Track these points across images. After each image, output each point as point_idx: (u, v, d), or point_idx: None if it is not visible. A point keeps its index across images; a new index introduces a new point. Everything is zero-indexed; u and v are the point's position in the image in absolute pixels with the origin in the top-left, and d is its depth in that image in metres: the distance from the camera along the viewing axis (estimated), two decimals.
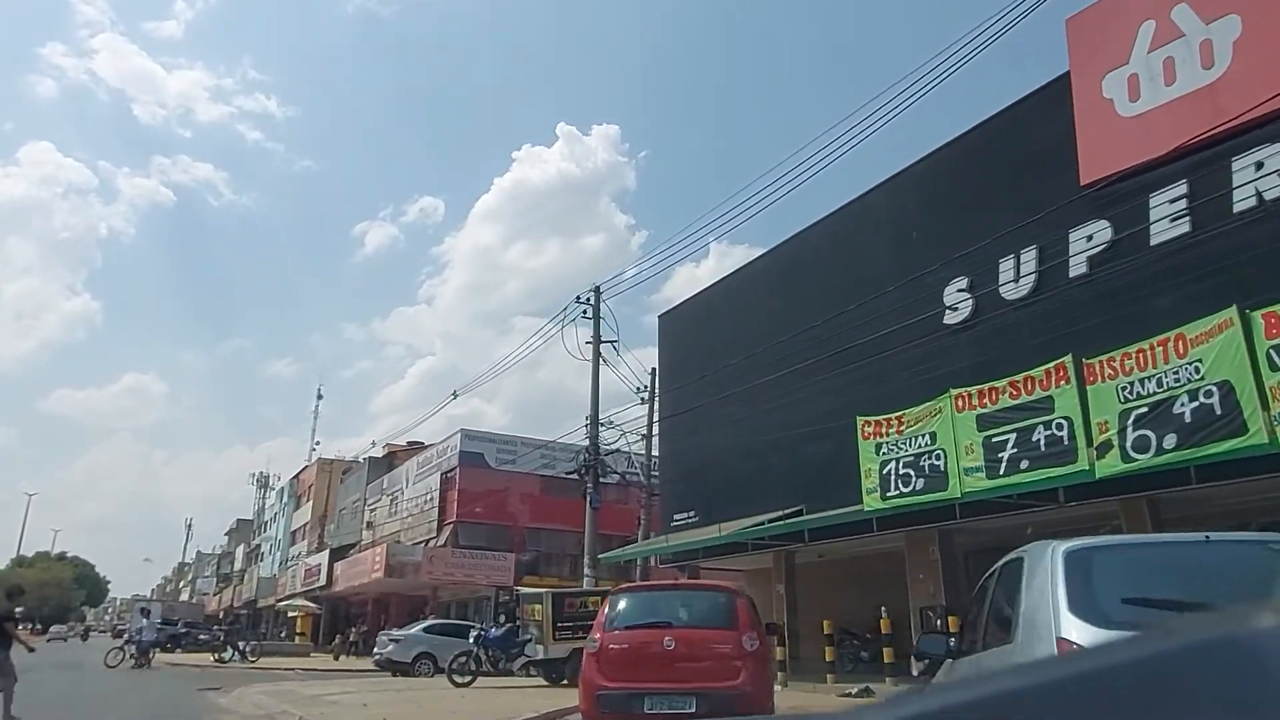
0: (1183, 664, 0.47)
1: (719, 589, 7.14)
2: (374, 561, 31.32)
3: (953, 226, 14.63)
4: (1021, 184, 13.63)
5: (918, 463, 11.78)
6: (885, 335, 15.06)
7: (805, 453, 16.97)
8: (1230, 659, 0.46)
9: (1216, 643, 0.47)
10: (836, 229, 17.40)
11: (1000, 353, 13.01)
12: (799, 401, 16.93)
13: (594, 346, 20.78)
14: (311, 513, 55.48)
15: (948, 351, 14.15)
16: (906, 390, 14.18)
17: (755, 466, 18.30)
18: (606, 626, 6.74)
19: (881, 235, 16.28)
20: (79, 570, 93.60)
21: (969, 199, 14.59)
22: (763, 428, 17.87)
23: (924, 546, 14.39)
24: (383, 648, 19.61)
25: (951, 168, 15.16)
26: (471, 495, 32.54)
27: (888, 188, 16.37)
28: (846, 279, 16.62)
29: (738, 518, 17.45)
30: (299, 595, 40.57)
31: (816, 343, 16.47)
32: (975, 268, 13.89)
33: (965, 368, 13.57)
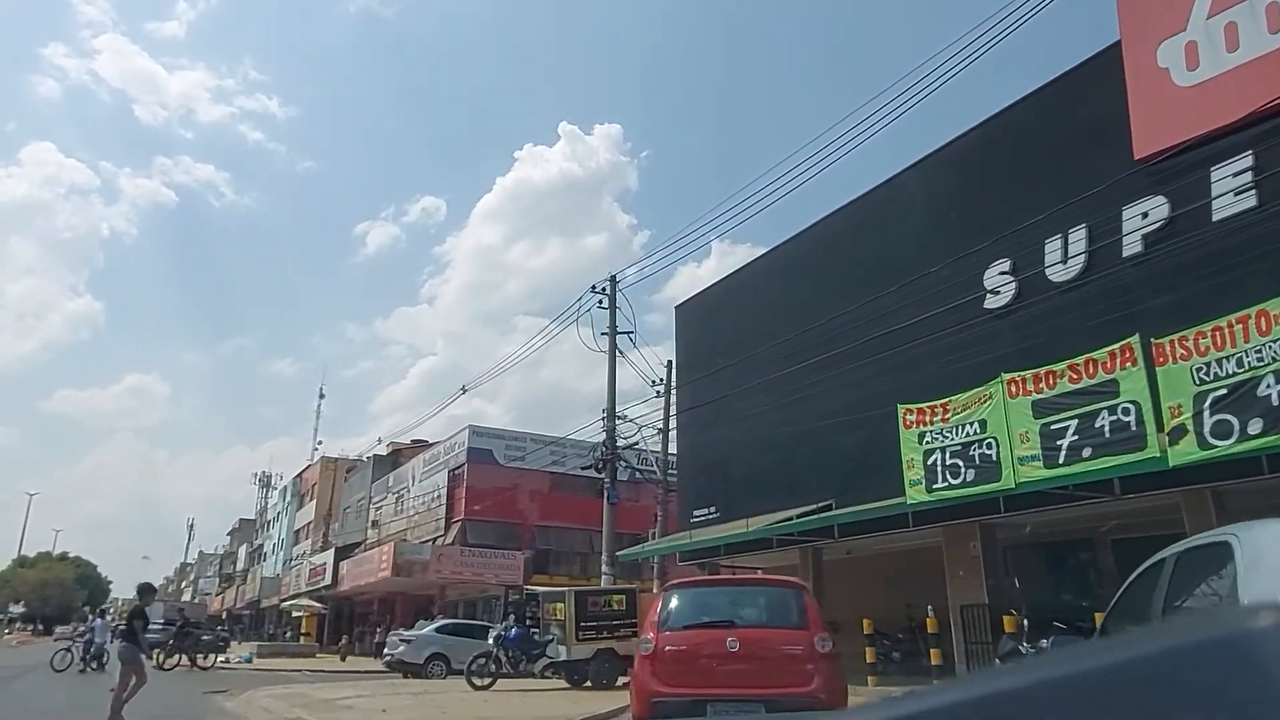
0: (1180, 663, 0.47)
1: (784, 584, 6.48)
2: (381, 560, 30.68)
3: (993, 207, 13.98)
4: (1069, 161, 12.98)
5: (966, 452, 11.12)
6: (920, 321, 14.41)
7: (834, 445, 16.33)
8: (1227, 658, 0.46)
9: (1213, 642, 0.47)
10: (866, 212, 16.74)
11: (1047, 337, 12.37)
12: (827, 392, 16.29)
13: (610, 337, 20.14)
14: (315, 512, 54.85)
15: (989, 337, 13.49)
16: (944, 378, 13.53)
17: (780, 460, 17.66)
18: (661, 626, 6.06)
19: (915, 217, 15.62)
20: (81, 570, 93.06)
21: (1011, 177, 13.94)
22: (787, 420, 17.23)
23: (965, 541, 13.73)
24: (393, 648, 18.95)
25: (991, 145, 14.50)
26: (480, 493, 31.87)
27: (921, 168, 15.71)
28: (877, 264, 15.97)
29: (762, 513, 16.81)
30: (303, 595, 39.94)
31: (845, 330, 15.83)
32: (1019, 249, 13.24)
33: (1009, 354, 12.92)
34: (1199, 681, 0.46)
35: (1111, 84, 12.38)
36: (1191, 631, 0.49)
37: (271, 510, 73.55)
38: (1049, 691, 0.51)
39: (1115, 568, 13.82)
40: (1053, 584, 13.80)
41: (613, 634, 13.84)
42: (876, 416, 15.24)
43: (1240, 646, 0.46)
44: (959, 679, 0.63)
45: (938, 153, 15.47)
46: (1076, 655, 0.51)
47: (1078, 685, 0.50)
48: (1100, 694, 0.49)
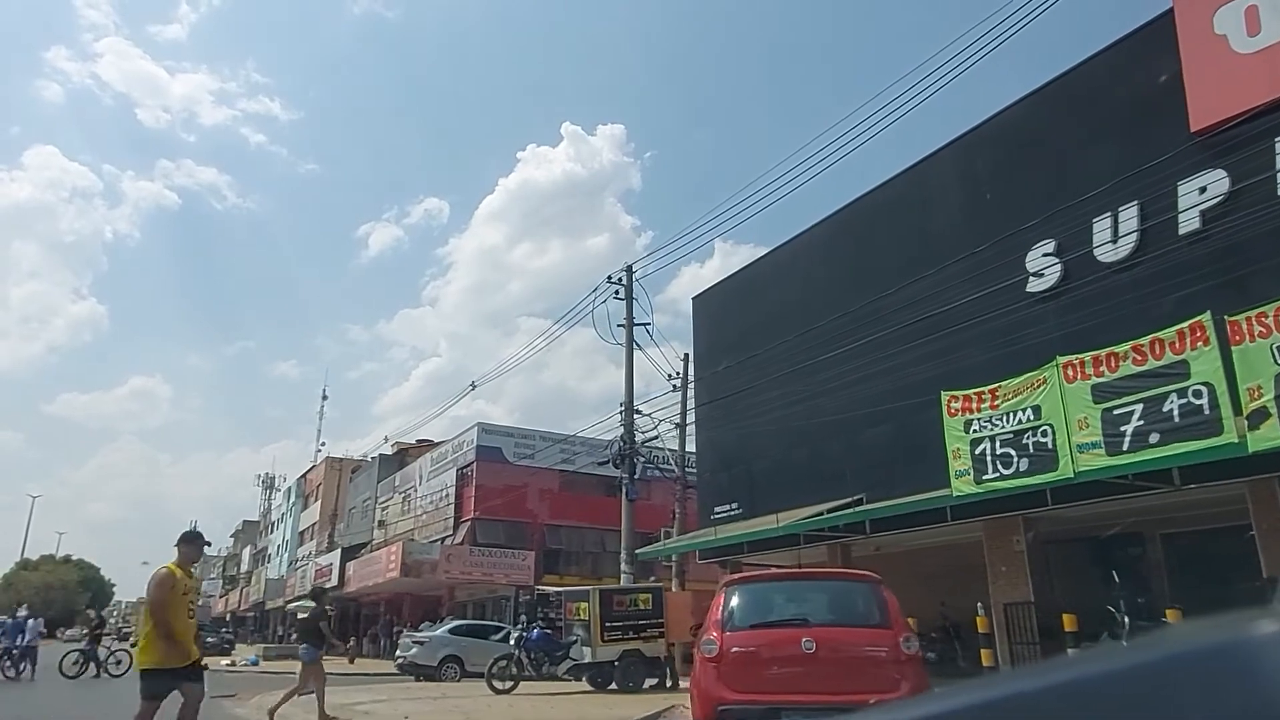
0: (1180, 671, 0.48)
1: (858, 577, 5.84)
2: (389, 560, 30.06)
3: (1035, 186, 13.37)
4: (1117, 136, 12.36)
5: (1019, 440, 10.49)
6: (959, 307, 13.81)
7: (865, 437, 15.72)
8: (1226, 666, 0.46)
9: (1213, 649, 0.48)
10: (898, 195, 16.12)
11: (1097, 320, 11.74)
12: (856, 382, 15.67)
13: (627, 328, 19.53)
14: (320, 512, 54.26)
15: (1032, 321, 12.88)
16: (984, 365, 12.93)
17: (806, 453, 17.04)
18: (726, 625, 5.43)
19: (951, 199, 15.00)
20: (84, 573, 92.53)
21: (1054, 155, 13.32)
22: (814, 412, 16.60)
23: (1007, 536, 13.11)
24: (406, 650, 18.34)
25: (1031, 123, 13.88)
26: (489, 491, 31.26)
27: (958, 147, 15.09)
28: (911, 248, 15.36)
29: (787, 509, 16.19)
30: (309, 596, 39.37)
31: (876, 318, 15.23)
32: (1064, 229, 12.62)
33: (1054, 339, 12.30)
34: (1202, 688, 0.46)
35: (1163, 54, 11.78)
36: (1194, 638, 0.49)
37: (275, 512, 73.00)
38: (1054, 697, 0.51)
39: (1166, 563, 13.21)
40: (1100, 581, 13.15)
41: (639, 635, 13.23)
42: (910, 406, 14.64)
43: (1243, 653, 0.46)
44: (963, 684, 0.59)
45: (973, 131, 14.85)
46: (1080, 661, 0.51)
47: (1082, 691, 0.50)
48: (1104, 700, 0.49)
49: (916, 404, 14.60)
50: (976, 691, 0.56)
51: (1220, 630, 0.49)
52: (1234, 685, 0.45)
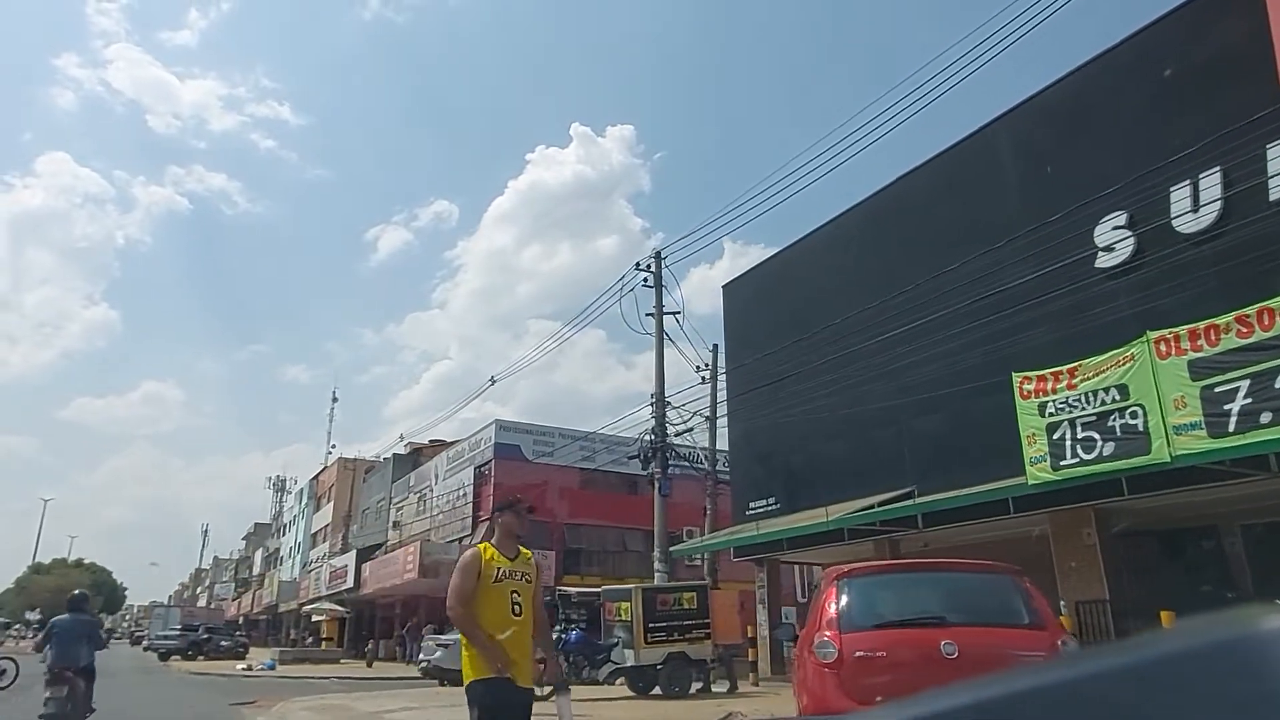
0: (1188, 666, 0.48)
1: (999, 569, 5.04)
2: (406, 561, 29.36)
3: (1102, 156, 12.55)
4: (1194, 98, 11.53)
5: (1104, 423, 9.68)
6: (1018, 286, 13.01)
7: (915, 426, 14.92)
8: (1235, 661, 0.46)
9: (1221, 645, 0.48)
10: (946, 172, 15.31)
11: (1176, 295, 10.93)
12: (904, 369, 14.88)
13: (657, 316, 18.77)
14: (333, 514, 53.64)
15: (1102, 298, 12.05)
16: (1047, 346, 12.13)
17: (849, 445, 16.24)
18: (845, 624, 4.64)
19: (1007, 173, 14.18)
20: (95, 577, 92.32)
21: (1122, 122, 12.49)
22: (858, 400, 15.80)
23: (1076, 529, 12.28)
24: (429, 654, 17.59)
25: (1095, 90, 13.05)
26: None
27: (1012, 119, 14.27)
28: (964, 226, 14.54)
29: (830, 503, 15.39)
30: (324, 598, 38.72)
31: (925, 301, 14.42)
32: (1136, 200, 11.79)
33: (1127, 316, 11.50)
34: (1206, 684, 0.46)
35: (1244, 9, 10.95)
36: (1198, 635, 0.49)
37: (288, 514, 72.48)
38: (1057, 695, 0.51)
39: (1247, 556, 12.35)
40: (1178, 576, 12.33)
41: (684, 636, 12.46)
42: (965, 393, 13.85)
43: (1249, 649, 0.46)
44: (970, 681, 0.59)
45: (1029, 102, 14.03)
46: (1084, 659, 0.51)
47: (1082, 688, 0.50)
48: (1107, 697, 0.49)
49: (971, 390, 13.81)
50: (982, 689, 0.55)
51: (1226, 626, 0.48)
52: (1239, 681, 0.45)
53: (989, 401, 13.69)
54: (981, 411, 13.76)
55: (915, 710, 0.58)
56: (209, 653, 34.96)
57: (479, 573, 4.05)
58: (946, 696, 0.58)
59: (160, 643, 36.86)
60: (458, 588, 4.03)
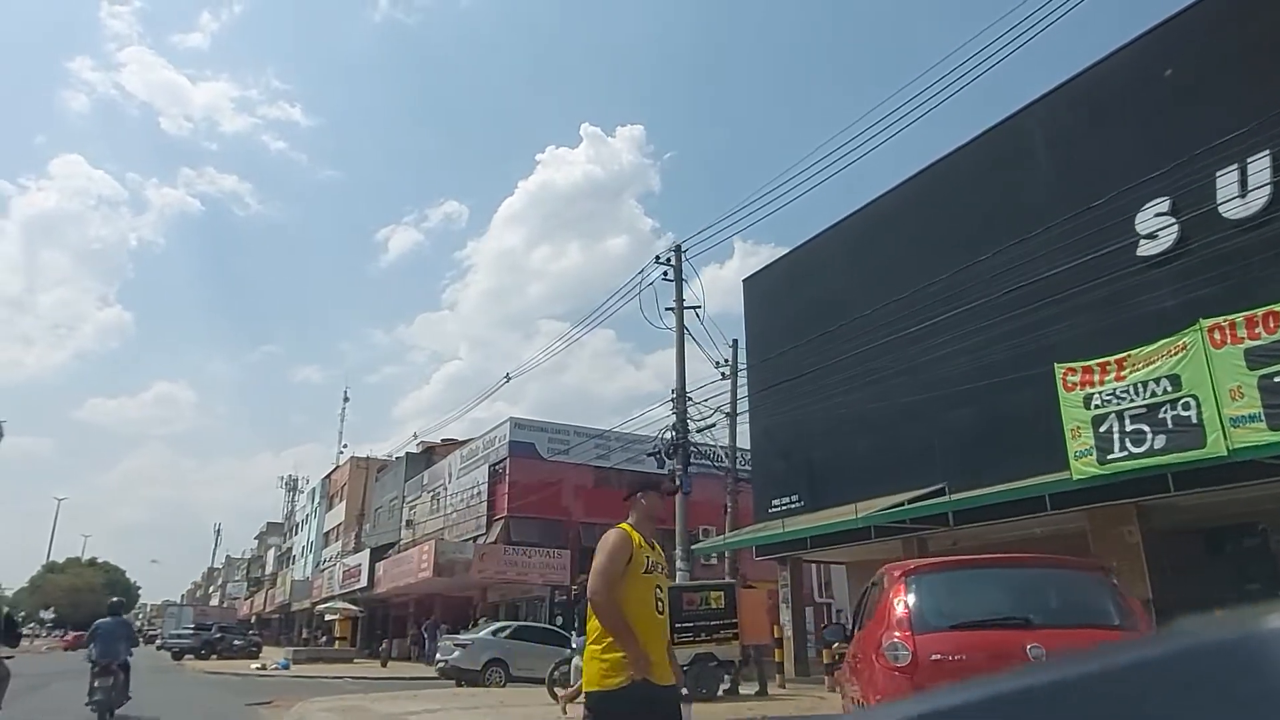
0: (1190, 664, 0.48)
1: (1084, 566, 4.67)
2: (421, 560, 29.09)
3: (1141, 141, 12.15)
4: (1239, 80, 11.12)
5: (1154, 415, 9.28)
6: (1054, 276, 12.62)
7: (944, 422, 14.53)
8: (1238, 659, 0.46)
9: (1225, 643, 0.48)
10: (975, 160, 14.92)
11: (1224, 283, 10.52)
12: (932, 363, 14.51)
13: (678, 311, 18.42)
14: (346, 512, 53.54)
15: (1144, 288, 11.65)
16: (1085, 339, 11.74)
17: (876, 441, 15.86)
18: (918, 625, 4.28)
19: (1040, 161, 13.79)
20: (109, 576, 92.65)
21: (1162, 106, 12.08)
22: (884, 395, 15.44)
23: (1117, 527, 11.88)
24: (447, 654, 17.32)
25: (1134, 73, 12.65)
26: (523, 488, 30.23)
27: (1044, 105, 13.87)
28: (994, 215, 14.16)
29: (856, 500, 15.02)
30: (337, 597, 38.53)
31: (955, 293, 14.05)
32: (1178, 186, 11.38)
33: (1170, 306, 11.10)
34: (1209, 682, 0.46)
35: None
36: (1201, 633, 0.49)
37: (300, 513, 72.47)
38: (1057, 693, 0.51)
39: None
40: (1223, 574, 11.90)
41: (712, 636, 12.12)
42: (997, 386, 13.47)
43: (1253, 648, 0.46)
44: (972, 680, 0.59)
45: (1063, 87, 13.64)
46: (1085, 657, 0.50)
47: (1085, 686, 0.50)
48: (1108, 696, 0.49)
49: (1004, 383, 13.43)
50: (985, 687, 0.54)
51: (1230, 625, 0.48)
52: (1243, 679, 0.45)
53: (1022, 396, 13.32)
54: (1014, 406, 13.39)
55: (918, 708, 0.58)
56: (222, 652, 34.83)
57: (629, 558, 3.40)
58: (949, 694, 0.57)
59: (173, 642, 36.81)
60: (605, 570, 3.32)
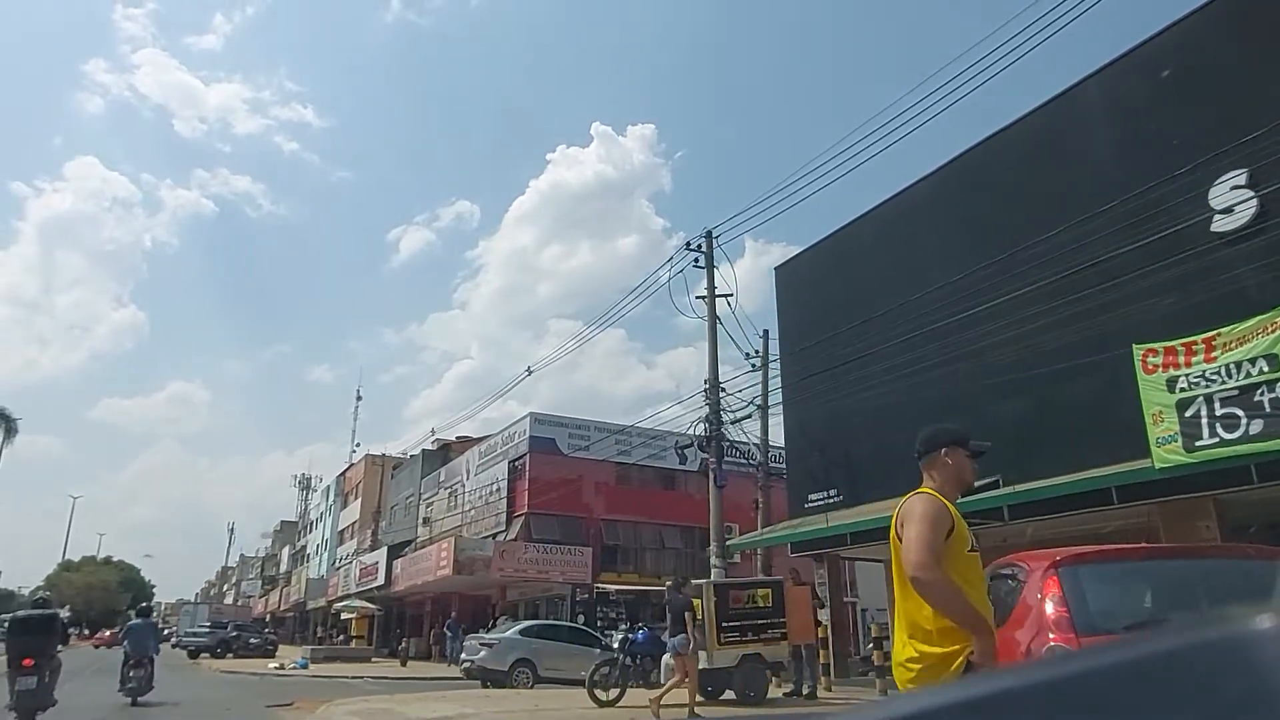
0: (1179, 664, 0.48)
1: (1266, 554, 4.07)
2: (439, 558, 28.59)
3: (1213, 111, 11.43)
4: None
5: (1249, 398, 8.60)
6: (1117, 257, 11.91)
7: (995, 412, 13.82)
8: (1225, 660, 0.46)
9: (1212, 643, 0.48)
10: (1028, 136, 14.21)
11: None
12: (983, 350, 13.80)
13: (709, 297, 17.79)
14: (361, 511, 53.16)
15: (1220, 266, 10.92)
16: (1154, 322, 11.05)
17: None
18: (1082, 626, 3.62)
19: (1100, 135, 13.07)
20: (125, 574, 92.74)
21: (1236, 73, 11.35)
22: (928, 385, 14.74)
23: (1190, 521, 11.14)
24: (472, 654, 16.73)
25: (1204, 38, 11.92)
26: (543, 484, 29.64)
27: (1105, 77, 13.16)
28: (1048, 195, 13.46)
29: (897, 495, 14.32)
30: (353, 595, 38.08)
31: (1006, 277, 13.36)
32: (1258, 157, 10.65)
33: (1249, 286, 10.39)
34: (1196, 682, 0.46)
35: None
36: (1189, 633, 0.49)
37: (314, 511, 72.22)
38: (1047, 692, 0.51)
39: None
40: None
41: (759, 636, 11.48)
42: (1055, 374, 12.78)
43: (1240, 648, 0.46)
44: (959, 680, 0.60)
45: (1125, 57, 12.91)
46: (1075, 657, 0.50)
47: (1075, 686, 0.50)
48: (1097, 695, 0.49)
49: (1062, 371, 12.73)
50: (972, 687, 0.54)
51: (1217, 625, 0.48)
52: (1231, 680, 0.45)
53: (1080, 383, 12.64)
54: (1072, 394, 12.71)
55: (906, 706, 0.56)
56: (238, 650, 34.44)
57: (950, 529, 2.75)
58: (937, 694, 0.56)
59: (189, 640, 36.45)
60: (929, 542, 2.67)
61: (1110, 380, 11.94)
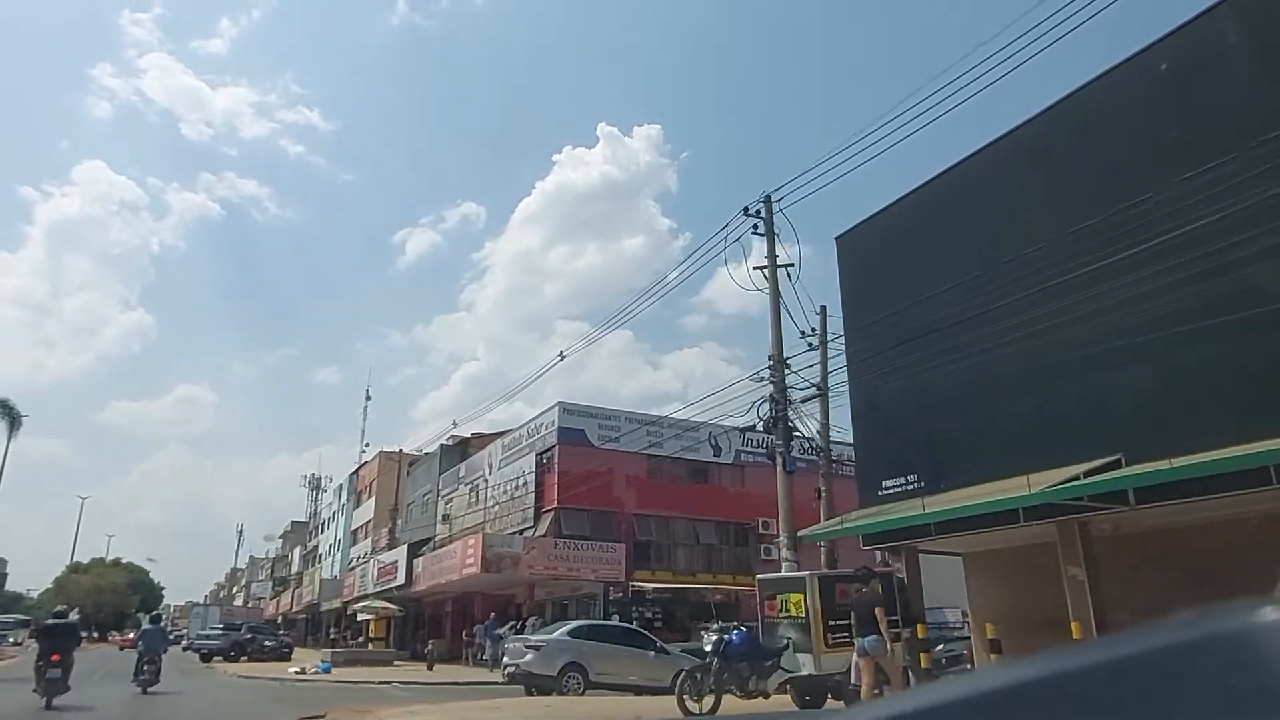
0: (1185, 658, 0.48)
1: None
2: (465, 555, 27.13)
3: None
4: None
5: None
6: (1263, 202, 10.38)
7: (1112, 382, 12.29)
8: (1230, 653, 0.46)
9: (1217, 637, 0.48)
10: (1146, 72, 12.65)
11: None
12: (1096, 314, 12.28)
13: (770, 266, 16.35)
14: (375, 509, 51.85)
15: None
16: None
17: (1019, 409, 13.60)
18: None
19: (1236, 66, 11.52)
20: (133, 575, 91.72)
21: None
22: (1029, 356, 13.22)
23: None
24: (517, 657, 15.24)
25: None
26: (574, 478, 28.16)
27: (1238, 3, 11.60)
28: (1171, 138, 11.91)
29: (986, 480, 12.84)
30: (371, 596, 36.69)
31: (1125, 230, 11.84)
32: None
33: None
34: (1201, 677, 0.46)
35: None
36: (1194, 627, 0.49)
37: (326, 510, 70.99)
38: (1050, 688, 0.51)
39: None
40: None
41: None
42: (1183, 337, 11.27)
43: (1244, 642, 0.46)
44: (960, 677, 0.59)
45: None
46: (1077, 652, 0.51)
47: (1079, 680, 0.50)
48: (1101, 690, 0.49)
49: (1191, 333, 11.23)
50: (975, 682, 0.54)
51: (1222, 618, 0.48)
52: (1235, 674, 0.44)
53: (1218, 347, 11.13)
54: (1206, 360, 11.19)
55: (910, 704, 0.56)
56: (252, 654, 33.12)
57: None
58: (942, 690, 0.55)
59: (202, 643, 35.07)
60: None
61: (1258, 343, 10.45)
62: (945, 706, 0.53)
